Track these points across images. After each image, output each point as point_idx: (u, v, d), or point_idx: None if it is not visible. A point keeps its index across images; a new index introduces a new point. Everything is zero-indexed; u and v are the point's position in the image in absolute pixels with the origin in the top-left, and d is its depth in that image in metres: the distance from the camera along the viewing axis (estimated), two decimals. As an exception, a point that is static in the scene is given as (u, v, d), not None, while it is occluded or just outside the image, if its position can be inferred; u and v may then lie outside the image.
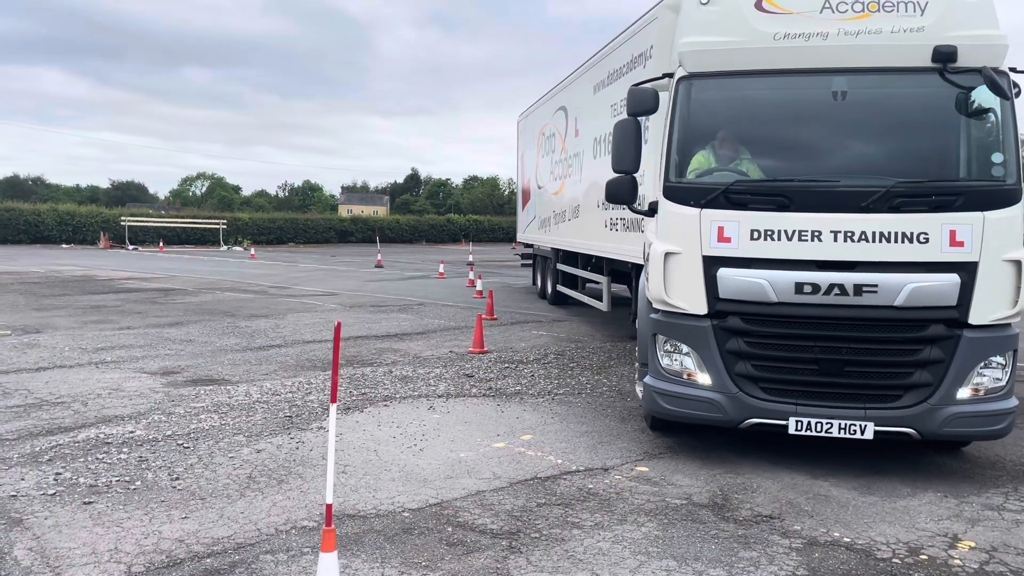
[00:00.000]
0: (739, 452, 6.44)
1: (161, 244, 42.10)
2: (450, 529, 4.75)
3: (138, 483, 5.38)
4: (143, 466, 5.74)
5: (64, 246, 41.43)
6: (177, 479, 5.48)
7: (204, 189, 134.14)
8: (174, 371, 9.33)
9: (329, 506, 3.69)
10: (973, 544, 4.67)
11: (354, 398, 8.00)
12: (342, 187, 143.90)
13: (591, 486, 5.58)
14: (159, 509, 4.92)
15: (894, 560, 4.44)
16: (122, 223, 44.10)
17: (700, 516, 5.06)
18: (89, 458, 5.89)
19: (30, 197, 64.23)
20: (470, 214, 72.87)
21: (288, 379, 8.91)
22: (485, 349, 11.10)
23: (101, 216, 45.50)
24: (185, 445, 6.25)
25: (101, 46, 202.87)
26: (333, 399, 3.67)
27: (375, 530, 4.70)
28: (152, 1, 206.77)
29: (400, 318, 14.64)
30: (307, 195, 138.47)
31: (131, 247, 41.52)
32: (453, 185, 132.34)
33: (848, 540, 4.71)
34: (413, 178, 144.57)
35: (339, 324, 3.73)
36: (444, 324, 13.88)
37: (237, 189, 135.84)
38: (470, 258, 32.88)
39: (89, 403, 7.59)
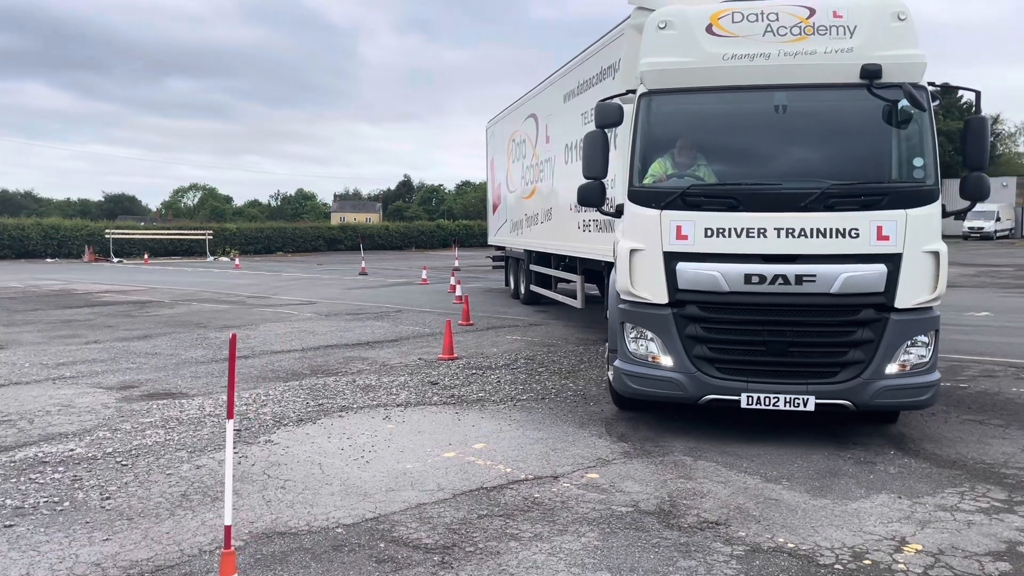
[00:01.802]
0: (696, 455, 6.31)
1: (146, 256, 41.77)
2: (382, 545, 4.59)
3: (66, 504, 5.21)
4: (75, 486, 5.57)
5: (49, 260, 41.12)
6: (108, 498, 5.31)
7: (196, 200, 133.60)
8: (132, 385, 9.15)
9: (228, 528, 3.54)
10: (920, 547, 4.53)
11: (310, 410, 7.83)
12: (335, 195, 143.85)
13: (537, 495, 5.43)
14: (82, 531, 4.76)
15: (836, 566, 4.29)
16: (106, 236, 43.78)
17: (644, 524, 4.91)
18: (22, 478, 5.72)
19: (20, 212, 64.09)
20: (462, 219, 72.66)
21: (246, 391, 8.75)
22: (455, 356, 10.94)
23: (87, 229, 45.12)
24: (124, 463, 6.08)
25: (84, 59, 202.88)
26: (229, 415, 3.51)
27: (303, 548, 4.54)
28: (133, 13, 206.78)
29: (375, 326, 14.48)
30: (300, 204, 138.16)
31: (115, 260, 41.22)
32: (446, 191, 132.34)
33: (792, 546, 4.56)
34: (406, 185, 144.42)
35: (234, 337, 3.58)
36: (418, 331, 13.73)
37: (229, 199, 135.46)
38: (455, 263, 32.71)
39: (35, 420, 7.42)
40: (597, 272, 12.87)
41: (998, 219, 56.63)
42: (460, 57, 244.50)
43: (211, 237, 47.94)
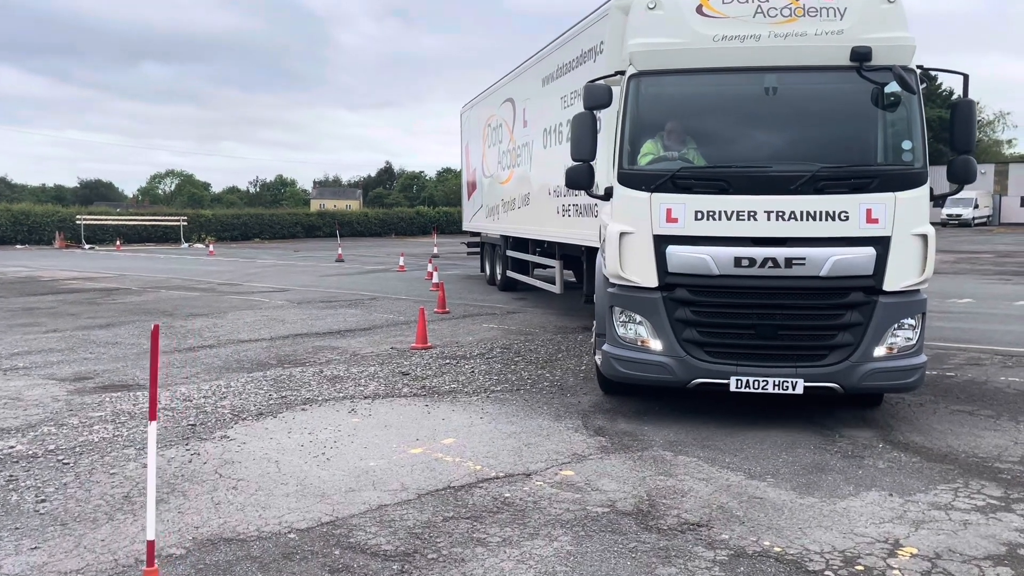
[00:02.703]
0: (677, 450, 5.99)
1: (119, 243, 40.92)
2: (337, 552, 4.23)
3: (-4, 508, 4.81)
4: (10, 487, 5.16)
5: (19, 247, 40.16)
6: (43, 501, 4.91)
7: (173, 187, 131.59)
8: (87, 376, 8.71)
9: (151, 543, 3.16)
10: (915, 551, 4.24)
11: (272, 402, 7.44)
12: (314, 182, 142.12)
13: (508, 495, 5.09)
14: (9, 538, 4.36)
15: (826, 573, 3.99)
16: (77, 222, 42.82)
17: (621, 526, 4.59)
18: (-48, 479, 5.30)
19: (-6, 198, 62.50)
20: (443, 206, 71.90)
21: (208, 382, 8.34)
22: (428, 344, 10.57)
23: (58, 215, 44.07)
24: (65, 461, 5.67)
25: (57, 44, 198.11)
26: (152, 416, 3.13)
27: (251, 556, 4.17)
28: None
29: (347, 314, 14.07)
30: (279, 190, 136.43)
31: (87, 246, 40.35)
32: (427, 178, 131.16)
33: (779, 550, 4.26)
34: (386, 171, 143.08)
35: (156, 328, 3.19)
36: (392, 319, 13.33)
37: (207, 186, 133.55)
38: (435, 250, 32.27)
39: (-23, 415, 6.97)
40: (576, 258, 12.86)
41: (976, 206, 56.95)
42: (439, 44, 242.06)
43: (186, 223, 47.10)
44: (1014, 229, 52.33)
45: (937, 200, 6.54)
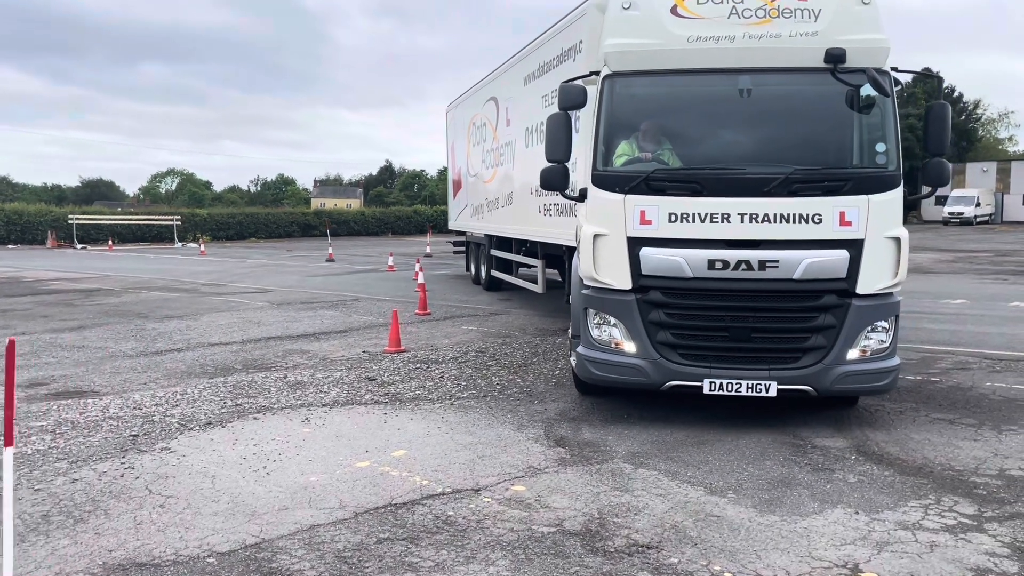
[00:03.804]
0: (638, 462, 5.71)
1: (111, 242, 40.68)
2: (255, 578, 3.95)
3: (-98, 529, 4.52)
4: (-76, 505, 4.88)
5: (10, 247, 39.96)
6: (-45, 521, 4.63)
7: (174, 186, 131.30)
8: (41, 383, 8.44)
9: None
10: (874, 577, 3.94)
11: (224, 411, 7.16)
12: (315, 180, 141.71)
13: (451, 513, 4.80)
14: (-95, 564, 4.08)
15: (776, 603, 3.69)
16: (70, 221, 42.58)
17: (565, 548, 4.29)
18: None
19: (-6, 197, 62.14)
20: (441, 205, 71.63)
21: (165, 388, 8.06)
22: (402, 348, 10.29)
23: (51, 215, 43.82)
24: (-10, 476, 5.39)
25: (55, 43, 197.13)
26: (8, 442, 2.84)
27: (161, 583, 3.89)
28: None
29: (326, 315, 13.78)
30: (280, 189, 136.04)
31: (79, 246, 40.12)
32: (428, 176, 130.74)
33: (729, 575, 3.96)
34: (387, 170, 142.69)
35: (12, 342, 2.90)
36: (371, 321, 13.05)
37: (208, 185, 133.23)
38: (427, 250, 31.98)
39: (-85, 425, 6.69)
40: (558, 257, 12.82)
41: (978, 204, 56.57)
42: (436, 43, 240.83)
43: (180, 223, 46.85)
44: (1016, 227, 51.90)
45: (918, 200, 6.39)
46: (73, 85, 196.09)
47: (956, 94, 70.42)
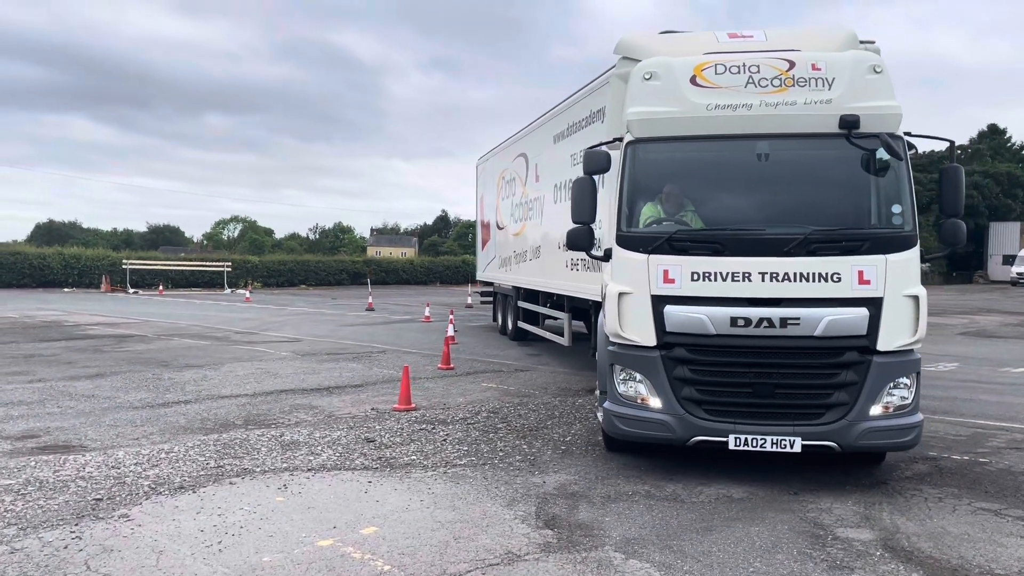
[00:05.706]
0: (631, 551, 5.10)
1: (160, 288, 41.53)
2: None
3: None
4: None
5: (66, 290, 41.09)
6: None
7: (237, 232, 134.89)
8: (33, 435, 8.20)
9: None
10: None
11: (203, 473, 6.77)
12: (372, 229, 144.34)
13: (406, 607, 4.27)
14: None
15: None
16: (123, 266, 43.68)
17: (523, 660, 3.72)
18: None
19: (67, 241, 64.56)
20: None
21: (154, 445, 7.74)
22: (412, 406, 9.84)
23: (107, 259, 45.06)
24: (-71, 542, 5.06)
25: (125, 95, 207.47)
26: None
27: None
28: (169, 50, 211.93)
29: (346, 368, 13.46)
30: (338, 237, 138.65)
31: (132, 291, 41.02)
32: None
33: None
34: (443, 219, 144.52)
35: None
36: (390, 375, 12.66)
37: (270, 232, 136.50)
38: (468, 300, 31.71)
39: None
40: (584, 310, 12.88)
41: (1047, 264, 54.06)
42: (484, 96, 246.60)
43: (230, 269, 47.68)
44: (1089, 287, 49.30)
45: (934, 259, 6.67)
46: (141, 134, 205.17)
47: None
